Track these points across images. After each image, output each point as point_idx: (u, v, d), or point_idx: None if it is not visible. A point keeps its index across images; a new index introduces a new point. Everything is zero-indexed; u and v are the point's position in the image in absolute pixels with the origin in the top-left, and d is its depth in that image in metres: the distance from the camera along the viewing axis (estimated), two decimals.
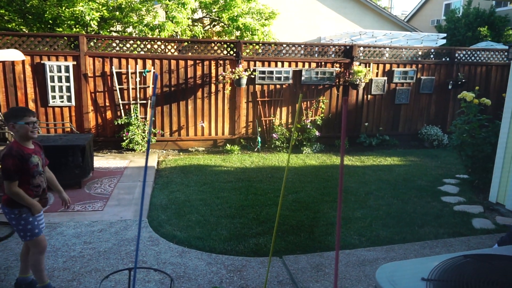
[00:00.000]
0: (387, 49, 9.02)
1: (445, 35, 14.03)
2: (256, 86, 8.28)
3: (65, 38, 7.36)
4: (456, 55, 9.30)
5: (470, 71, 9.45)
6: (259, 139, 8.25)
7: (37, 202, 2.91)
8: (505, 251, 2.17)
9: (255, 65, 8.18)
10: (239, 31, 10.63)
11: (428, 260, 2.03)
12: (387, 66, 8.92)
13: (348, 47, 8.64)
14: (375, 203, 5.31)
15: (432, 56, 9.26)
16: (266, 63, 8.24)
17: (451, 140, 6.42)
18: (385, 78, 8.90)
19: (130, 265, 3.50)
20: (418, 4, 23.30)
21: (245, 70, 7.95)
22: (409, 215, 4.93)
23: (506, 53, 9.44)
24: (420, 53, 9.19)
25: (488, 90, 9.54)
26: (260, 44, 8.35)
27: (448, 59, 9.28)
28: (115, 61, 7.53)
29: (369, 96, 8.95)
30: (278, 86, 8.39)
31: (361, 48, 8.74)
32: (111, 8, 9.47)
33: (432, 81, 9.21)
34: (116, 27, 10.35)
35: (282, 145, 8.31)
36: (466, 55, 9.41)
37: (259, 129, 8.42)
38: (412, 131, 9.41)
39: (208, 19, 11.98)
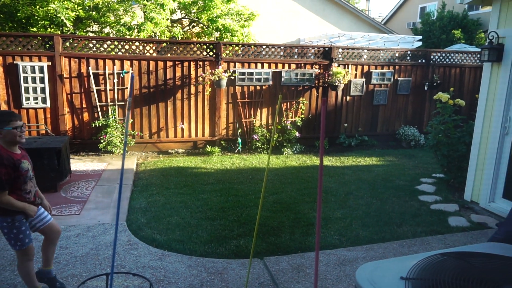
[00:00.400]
0: (365, 50, 9.16)
1: (421, 37, 14.36)
2: (236, 87, 8.26)
3: (39, 38, 7.16)
4: (432, 57, 9.52)
5: (445, 72, 9.69)
6: (239, 140, 8.23)
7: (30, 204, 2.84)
8: (479, 248, 2.22)
9: (235, 66, 8.16)
10: (218, 32, 10.60)
11: (407, 259, 2.06)
12: (365, 68, 9.05)
13: (327, 49, 8.72)
14: (354, 203, 5.37)
15: (408, 58, 9.45)
16: (246, 64, 8.23)
17: (428, 140, 6.57)
18: (364, 79, 9.04)
19: (108, 270, 3.42)
20: (395, 7, 23.78)
21: (225, 71, 7.93)
22: (387, 214, 5.01)
23: (478, 55, 9.72)
24: (397, 55, 9.37)
25: (462, 91, 9.80)
26: (240, 45, 8.34)
27: (424, 61, 9.49)
28: (92, 62, 7.38)
29: (348, 97, 9.06)
30: (258, 88, 8.39)
31: (340, 50, 8.84)
32: (87, 8, 9.28)
33: (409, 82, 9.40)
34: (92, 27, 10.16)
35: (262, 146, 8.32)
36: (441, 57, 9.65)
37: (240, 131, 8.40)
38: (390, 131, 9.57)
39: (187, 20, 11.90)
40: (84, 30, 9.65)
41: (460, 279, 1.74)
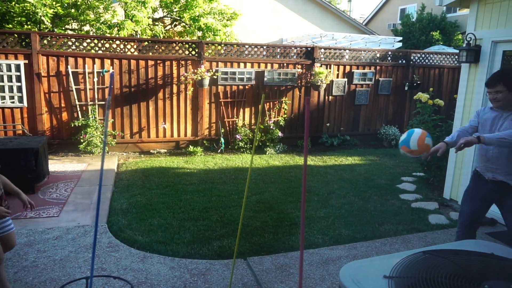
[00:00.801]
0: (347, 51, 9.24)
1: (401, 38, 14.59)
2: (219, 87, 8.21)
3: (16, 35, 6.96)
4: (412, 57, 9.69)
5: (425, 73, 9.87)
6: (222, 140, 8.20)
7: None
8: (460, 246, 2.26)
9: (217, 66, 8.11)
10: (200, 32, 10.52)
11: (389, 257, 2.07)
12: (347, 68, 9.14)
13: (309, 49, 8.77)
14: (337, 202, 5.41)
15: (389, 58, 9.59)
16: (228, 64, 8.20)
17: None
18: (346, 79, 9.12)
19: (88, 273, 3.35)
20: (376, 8, 24.12)
21: (208, 71, 7.87)
22: (370, 213, 5.06)
23: (457, 57, 9.94)
24: (378, 55, 9.49)
25: (441, 91, 10.01)
26: (223, 45, 8.30)
27: (404, 61, 9.65)
28: (71, 60, 7.22)
29: (330, 97, 9.13)
30: (241, 87, 8.37)
31: (322, 50, 8.90)
32: (66, 4, 9.07)
33: (389, 82, 9.53)
34: (72, 25, 9.94)
35: (245, 146, 8.30)
36: (421, 58, 9.83)
37: (222, 130, 8.36)
38: (371, 131, 9.70)
39: (169, 18, 11.78)
40: (63, 28, 9.43)
41: (441, 277, 1.76)
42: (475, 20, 5.19)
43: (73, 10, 9.15)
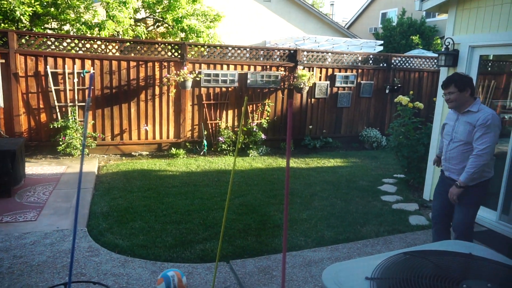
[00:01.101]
0: (330, 54, 9.33)
1: (382, 42, 14.85)
2: (202, 88, 8.17)
3: None
4: (393, 61, 9.85)
5: (405, 76, 10.05)
6: (205, 142, 8.15)
7: None
8: (439, 246, 2.30)
9: (200, 68, 8.07)
10: (183, 33, 10.46)
11: (371, 259, 2.09)
12: (330, 71, 9.22)
13: (292, 51, 8.81)
14: (319, 204, 5.44)
15: (371, 61, 9.72)
16: (211, 66, 8.17)
17: (389, 142, 6.78)
18: (328, 82, 9.20)
19: (67, 279, 3.27)
20: (357, 12, 24.46)
21: (190, 73, 7.82)
22: (351, 214, 5.11)
23: (436, 60, 10.16)
24: (360, 58, 9.61)
25: (420, 94, 10.20)
26: (206, 46, 8.27)
27: (385, 64, 9.80)
28: (50, 60, 7.06)
29: (313, 99, 9.19)
30: (224, 89, 8.35)
31: (305, 53, 8.96)
32: (45, 3, 8.87)
33: (371, 85, 9.67)
34: (51, 24, 9.73)
35: (228, 148, 8.28)
36: (401, 62, 10.00)
37: (205, 133, 8.31)
38: (353, 133, 9.80)
39: (152, 19, 11.67)
40: (42, 27, 9.23)
41: (422, 277, 1.79)
42: (453, 25, 5.31)
43: (52, 9, 8.96)
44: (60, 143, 7.02)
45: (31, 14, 8.42)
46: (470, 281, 1.75)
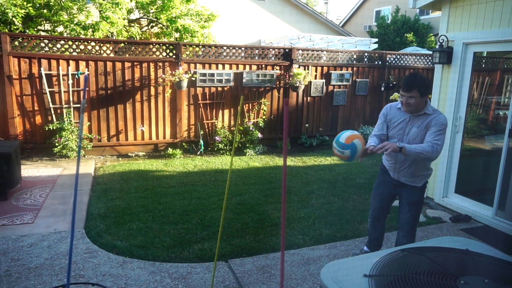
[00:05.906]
0: (325, 52, 9.35)
1: (376, 40, 14.87)
2: (198, 88, 8.16)
3: None
4: (387, 59, 9.88)
5: (400, 73, 10.09)
6: (201, 142, 8.14)
7: None
8: (437, 243, 2.32)
9: (195, 68, 8.06)
10: (178, 33, 10.44)
11: (369, 256, 2.11)
12: (325, 69, 9.24)
13: (287, 50, 8.82)
14: (317, 202, 5.46)
15: (365, 59, 9.75)
16: (207, 66, 8.16)
17: None
18: (323, 80, 9.22)
19: (65, 280, 3.26)
20: (352, 10, 24.50)
21: (186, 73, 7.81)
22: (349, 212, 5.13)
23: (430, 58, 10.20)
24: (355, 56, 9.64)
25: None
26: (201, 46, 8.26)
27: (380, 62, 9.83)
28: (44, 62, 7.03)
29: (308, 98, 9.21)
30: (219, 89, 8.34)
31: (300, 51, 8.97)
32: (38, 5, 8.82)
33: (366, 83, 9.69)
34: (44, 26, 9.68)
35: (225, 147, 8.28)
36: (396, 59, 10.04)
37: (202, 132, 8.31)
38: None
39: (146, 20, 11.64)
40: (35, 29, 9.18)
41: (419, 274, 1.80)
42: (447, 23, 5.34)
43: (45, 11, 8.91)
44: (56, 145, 6.99)
45: (23, 16, 8.38)
46: (467, 277, 1.77)
